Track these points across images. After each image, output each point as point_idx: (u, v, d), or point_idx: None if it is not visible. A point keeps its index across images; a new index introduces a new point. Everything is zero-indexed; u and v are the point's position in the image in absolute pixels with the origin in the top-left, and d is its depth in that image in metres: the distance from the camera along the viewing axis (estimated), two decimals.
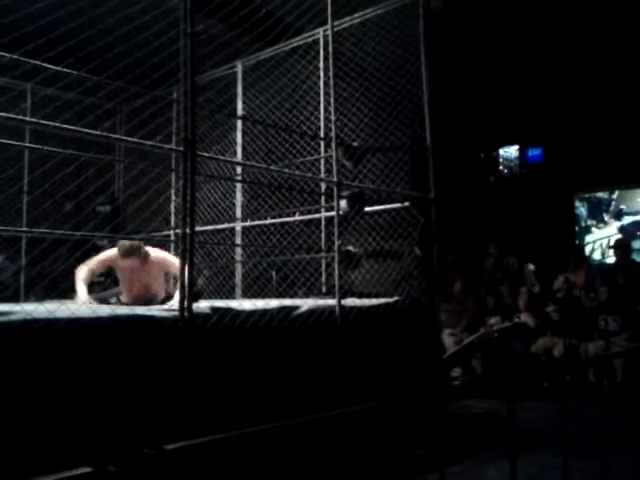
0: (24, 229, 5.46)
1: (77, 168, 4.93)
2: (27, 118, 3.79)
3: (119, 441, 2.65)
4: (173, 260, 4.54)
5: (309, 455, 3.23)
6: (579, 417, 3.02)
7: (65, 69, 3.78)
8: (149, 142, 3.44)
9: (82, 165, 5.17)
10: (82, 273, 4.37)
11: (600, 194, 10.01)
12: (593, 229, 10.02)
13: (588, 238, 10.08)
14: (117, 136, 3.92)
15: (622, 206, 9.77)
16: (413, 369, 4.44)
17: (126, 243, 4.41)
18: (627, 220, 9.66)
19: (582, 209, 10.22)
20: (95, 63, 3.76)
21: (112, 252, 4.61)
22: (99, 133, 3.20)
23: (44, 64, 3.68)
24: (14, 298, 5.41)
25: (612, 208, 9.88)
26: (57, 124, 2.97)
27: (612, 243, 8.73)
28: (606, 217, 9.94)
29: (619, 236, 9.28)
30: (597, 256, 9.89)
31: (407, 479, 3.64)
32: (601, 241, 9.92)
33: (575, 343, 6.64)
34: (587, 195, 10.14)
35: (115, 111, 7.03)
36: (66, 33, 3.39)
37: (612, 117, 9.05)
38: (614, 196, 9.89)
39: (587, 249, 10.00)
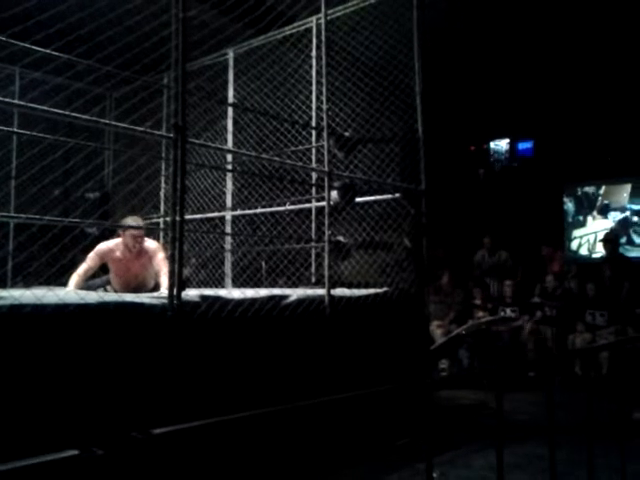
0: (12, 214, 5.41)
1: (66, 154, 4.88)
2: (15, 101, 3.73)
3: (107, 425, 2.64)
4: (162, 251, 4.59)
5: (296, 442, 3.24)
6: (565, 408, 3.04)
7: (54, 52, 3.71)
8: (139, 128, 3.40)
9: (71, 151, 5.12)
10: (80, 269, 4.44)
11: (587, 189, 10.07)
12: (587, 221, 10.05)
13: (575, 233, 10.14)
14: (106, 121, 3.88)
15: (606, 201, 9.83)
16: (401, 359, 4.45)
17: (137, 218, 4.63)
18: (613, 215, 9.73)
19: (569, 204, 10.27)
20: (85, 47, 3.70)
21: (105, 244, 4.65)
22: (88, 118, 3.16)
23: (33, 47, 3.62)
24: (1, 284, 5.37)
25: (598, 203, 9.94)
26: (45, 108, 2.93)
27: (600, 238, 8.81)
28: (593, 212, 10.01)
29: (607, 231, 9.35)
30: (584, 252, 9.95)
31: (395, 468, 3.66)
32: (588, 237, 9.98)
33: (562, 331, 6.73)
34: (574, 190, 10.20)
35: (104, 96, 6.96)
36: (55, 15, 3.34)
37: (603, 112, 9.09)
38: (601, 191, 9.95)
39: (574, 244, 10.07)
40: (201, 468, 2.94)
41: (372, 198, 5.17)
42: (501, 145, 10.92)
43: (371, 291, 4.51)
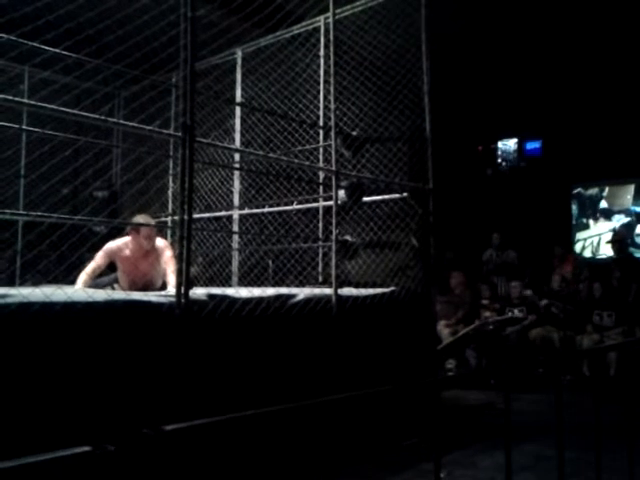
0: (21, 212, 5.44)
1: (74, 152, 4.90)
2: (25, 100, 3.75)
3: (118, 422, 2.66)
4: (169, 249, 4.61)
5: (302, 441, 3.25)
6: (573, 409, 3.03)
7: (63, 52, 3.73)
8: (148, 127, 3.42)
9: (79, 149, 5.14)
10: (88, 267, 4.47)
11: (590, 192, 10.05)
12: (590, 224, 10.04)
13: (579, 236, 10.11)
14: (115, 120, 3.89)
15: (606, 204, 9.81)
16: (408, 359, 4.45)
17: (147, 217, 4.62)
18: (617, 218, 9.71)
19: (573, 206, 10.24)
20: (94, 46, 3.72)
21: (114, 243, 4.68)
22: (97, 117, 3.18)
23: (42, 46, 3.64)
24: (10, 282, 5.40)
25: (602, 206, 9.92)
26: (55, 107, 2.95)
27: (604, 240, 8.79)
28: (596, 215, 9.99)
29: (611, 232, 9.31)
30: (588, 254, 9.92)
31: (401, 468, 3.66)
32: (592, 239, 9.95)
33: (570, 333, 6.70)
34: (579, 192, 10.17)
35: (113, 95, 6.99)
36: (65, 15, 3.36)
37: (612, 111, 9.04)
38: (604, 193, 9.92)
39: (578, 247, 10.04)
40: (208, 465, 2.95)
41: (379, 197, 5.17)
42: (509, 145, 10.89)
43: (378, 291, 4.51)
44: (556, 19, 7.83)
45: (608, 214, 9.79)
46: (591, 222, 10.00)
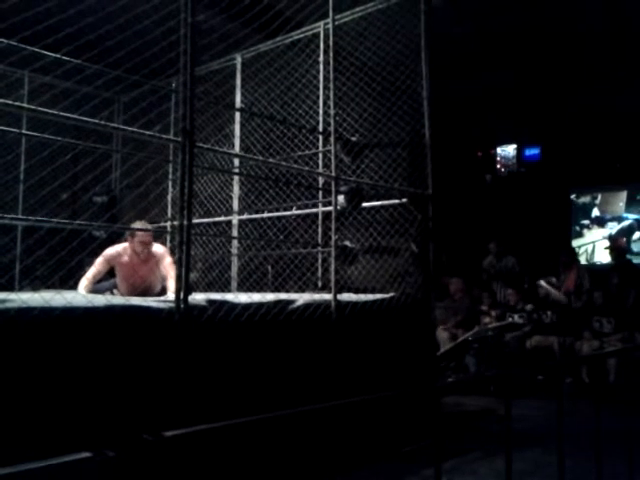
0: (20, 217, 5.43)
1: (74, 157, 4.90)
2: (24, 105, 3.75)
3: (118, 428, 2.65)
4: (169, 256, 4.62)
5: (300, 447, 3.23)
6: (572, 416, 3.02)
7: (63, 57, 3.74)
8: (147, 132, 3.41)
9: (79, 154, 5.14)
10: (89, 273, 4.48)
11: (583, 199, 10.11)
12: (584, 232, 10.11)
13: (573, 243, 10.15)
14: (115, 125, 3.89)
15: (598, 212, 9.86)
16: (408, 365, 4.44)
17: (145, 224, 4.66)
18: (610, 225, 9.75)
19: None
20: (94, 52, 3.73)
21: (113, 248, 4.69)
22: (96, 121, 3.18)
23: (42, 51, 3.64)
24: (9, 287, 5.39)
25: (594, 214, 9.97)
26: (54, 112, 2.95)
27: (602, 245, 8.79)
28: (589, 223, 10.05)
29: (610, 238, 9.35)
30: (582, 261, 9.97)
31: (400, 474, 3.64)
32: (586, 247, 10.00)
33: (570, 341, 6.69)
34: (571, 199, 10.22)
35: (113, 100, 6.99)
36: (65, 20, 3.36)
37: (610, 118, 9.06)
38: (597, 201, 9.97)
39: None
40: (207, 471, 2.94)
41: (379, 203, 5.17)
42: (508, 151, 10.91)
43: (377, 296, 4.50)
44: (555, 27, 7.85)
45: (601, 221, 9.85)
46: (585, 230, 10.07)
